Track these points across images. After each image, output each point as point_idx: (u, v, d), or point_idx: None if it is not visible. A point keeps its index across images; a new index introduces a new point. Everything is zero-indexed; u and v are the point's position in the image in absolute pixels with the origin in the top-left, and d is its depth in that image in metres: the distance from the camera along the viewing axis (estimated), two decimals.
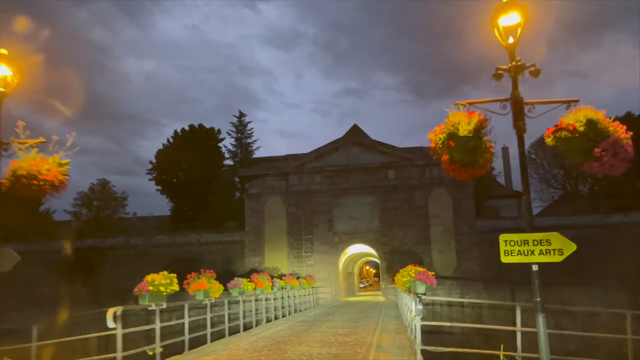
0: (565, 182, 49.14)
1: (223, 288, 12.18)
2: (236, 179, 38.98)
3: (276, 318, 18.92)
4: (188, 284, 11.65)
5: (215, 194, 37.68)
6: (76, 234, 37.45)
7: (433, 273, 11.47)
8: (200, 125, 43.51)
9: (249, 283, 14.65)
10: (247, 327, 15.17)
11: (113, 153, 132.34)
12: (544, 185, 50.11)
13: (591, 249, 31.42)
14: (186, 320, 10.42)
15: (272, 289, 18.62)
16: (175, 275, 9.34)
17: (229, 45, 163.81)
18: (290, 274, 27.39)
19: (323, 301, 30.93)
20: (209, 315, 11.67)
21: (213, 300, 11.90)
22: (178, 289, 9.45)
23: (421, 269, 11.48)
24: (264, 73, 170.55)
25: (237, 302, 14.82)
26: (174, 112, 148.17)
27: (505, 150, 53.70)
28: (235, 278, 14.54)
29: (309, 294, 26.80)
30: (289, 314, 20.85)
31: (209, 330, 11.65)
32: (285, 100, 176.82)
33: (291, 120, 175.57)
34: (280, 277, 22.52)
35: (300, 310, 23.37)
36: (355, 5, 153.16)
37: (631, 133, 6.16)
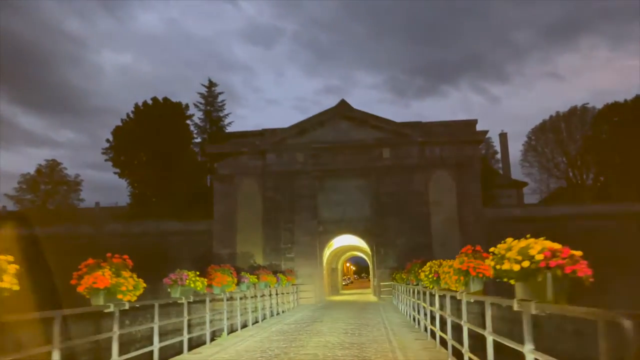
0: (568, 171, 45.19)
1: (144, 285, 7.19)
2: (203, 158, 33.74)
3: (244, 326, 13.97)
4: (79, 277, 6.66)
5: (180, 176, 32.42)
6: (16, 221, 31.77)
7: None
8: (166, 99, 38.02)
9: (198, 278, 9.69)
10: (195, 343, 10.19)
11: (88, 147, 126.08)
12: (545, 174, 46.15)
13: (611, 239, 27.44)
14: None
15: (237, 286, 13.68)
16: None
17: (207, 40, 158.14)
18: (265, 266, 22.43)
19: (305, 301, 26.07)
20: (115, 333, 6.63)
21: (126, 306, 6.91)
22: None
23: (474, 260, 6.81)
24: (243, 69, 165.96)
25: (182, 305, 9.83)
26: None
27: (503, 136, 49.63)
28: (178, 271, 9.56)
29: (288, 293, 21.87)
30: (263, 319, 15.92)
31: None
32: (265, 97, 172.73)
33: (271, 117, 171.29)
34: (253, 271, 17.55)
35: (277, 314, 18.44)
36: (336, 4, 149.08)
37: None
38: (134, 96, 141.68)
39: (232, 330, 13.09)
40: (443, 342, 8.66)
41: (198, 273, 9.83)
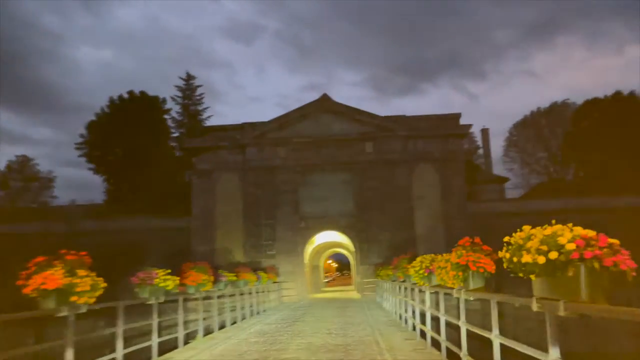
0: (549, 166, 45.29)
1: (103, 285, 6.37)
2: (181, 152, 32.67)
3: (222, 327, 13.19)
4: (27, 277, 5.84)
5: (158, 172, 31.31)
6: None
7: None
8: (142, 93, 36.80)
9: (169, 277, 8.89)
10: (167, 347, 9.40)
11: (66, 145, 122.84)
12: (526, 169, 46.19)
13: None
14: None
15: (215, 284, 12.88)
16: None
17: (188, 36, 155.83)
18: (244, 264, 21.63)
19: (287, 299, 25.36)
20: (70, 339, 5.82)
21: (82, 309, 6.10)
22: None
23: (474, 253, 6.21)
24: (224, 66, 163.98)
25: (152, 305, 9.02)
26: None
27: (485, 131, 49.47)
28: (146, 269, 8.74)
29: (270, 291, 21.12)
30: (243, 319, 15.15)
31: None
32: (247, 94, 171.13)
33: (253, 114, 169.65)
34: (232, 269, 16.76)
35: (258, 313, 17.69)
36: (319, 1, 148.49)
37: None
38: (114, 93, 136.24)
39: (208, 331, 12.32)
40: (435, 343, 8.04)
41: (169, 271, 9.01)
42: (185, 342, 10.23)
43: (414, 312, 10.51)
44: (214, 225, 27.69)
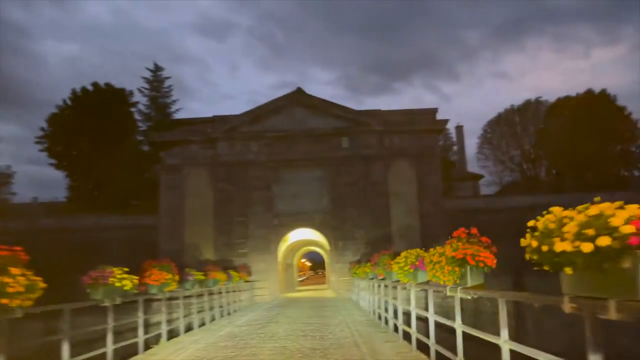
0: (522, 164, 45.57)
1: (42, 286, 5.43)
2: (148, 147, 31.32)
3: (189, 330, 12.28)
4: None
5: (124, 167, 29.92)
6: None
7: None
8: (108, 85, 35.21)
9: (126, 276, 7.95)
10: (126, 354, 8.46)
11: (31, 141, 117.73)
12: (500, 167, 46.36)
13: None
14: None
15: (181, 284, 11.95)
16: None
17: (158, 31, 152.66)
18: (214, 262, 20.64)
19: (260, 299, 24.48)
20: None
21: (16, 314, 5.17)
22: None
23: (474, 246, 5.58)
24: (196, 62, 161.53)
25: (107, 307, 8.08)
26: None
27: (459, 129, 49.60)
28: (101, 267, 7.79)
29: (241, 290, 20.20)
30: (212, 321, 14.24)
31: None
32: (219, 91, 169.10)
33: (226, 111, 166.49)
34: (201, 268, 15.81)
35: (229, 314, 16.79)
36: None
37: None
38: (80, 87, 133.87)
39: (174, 335, 11.39)
40: (422, 346, 7.35)
41: (127, 269, 8.07)
42: (147, 347, 9.31)
43: (395, 312, 9.84)
44: (182, 223, 26.55)
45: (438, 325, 6.60)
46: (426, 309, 6.83)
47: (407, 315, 9.14)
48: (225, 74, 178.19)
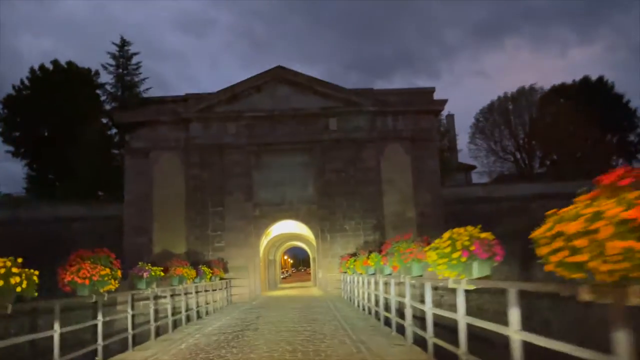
0: (516, 154, 43.49)
1: None
2: (115, 130, 28.11)
3: (141, 342, 9.48)
4: None
5: (88, 153, 26.72)
6: None
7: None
8: (70, 64, 31.90)
9: (17, 272, 5.12)
10: None
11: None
12: (493, 157, 44.19)
13: None
14: None
15: (136, 283, 9.15)
16: None
17: (136, 26, 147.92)
18: (179, 255, 17.76)
19: (238, 298, 21.69)
20: None
21: None
22: None
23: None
24: (175, 57, 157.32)
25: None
26: None
27: (450, 118, 47.24)
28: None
29: (215, 289, 17.37)
30: (174, 329, 11.42)
31: None
32: (200, 87, 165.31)
33: None
34: (163, 263, 12.95)
35: (200, 317, 13.98)
36: None
37: None
38: None
39: (119, 350, 8.57)
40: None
41: (17, 260, 5.26)
42: None
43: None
44: (150, 214, 23.56)
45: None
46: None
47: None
48: (205, 70, 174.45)
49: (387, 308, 9.81)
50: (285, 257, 71.85)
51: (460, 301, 5.13)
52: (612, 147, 40.82)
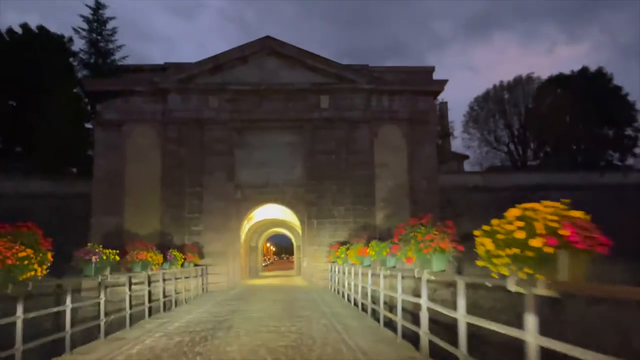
0: (510, 145, 42.09)
1: None
2: (86, 101, 25.81)
3: (87, 341, 7.65)
4: None
5: (53, 124, 24.50)
6: None
7: None
8: (41, 29, 29.39)
9: None
10: None
11: None
12: (486, 147, 42.73)
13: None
14: None
15: (84, 269, 7.25)
16: None
17: (122, 6, 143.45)
18: (145, 237, 15.84)
19: (215, 287, 19.90)
20: None
21: None
22: None
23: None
24: (163, 40, 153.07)
25: None
26: None
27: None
28: None
29: (188, 277, 15.51)
30: (132, 326, 9.57)
31: None
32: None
33: None
34: (124, 246, 11.05)
35: (168, 309, 12.14)
36: None
37: None
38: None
39: (54, 354, 6.72)
40: None
41: None
42: None
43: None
44: (122, 192, 21.52)
45: None
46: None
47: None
48: (192, 53, 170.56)
49: (390, 308, 8.09)
50: (268, 245, 70.14)
51: (460, 298, 4.66)
52: (609, 140, 39.70)
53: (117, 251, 8.68)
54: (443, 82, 23.19)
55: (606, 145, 39.50)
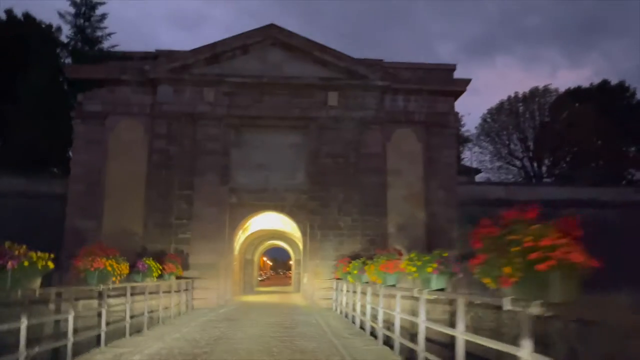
0: (524, 159, 39.72)
1: None
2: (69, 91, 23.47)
3: None
4: None
5: (30, 116, 22.13)
6: None
7: None
8: (27, 17, 27.21)
9: None
10: None
11: None
12: (499, 161, 40.33)
13: (616, 235, 21.41)
14: None
15: None
16: None
17: (130, 22, 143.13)
18: (102, 241, 13.29)
19: (202, 303, 17.35)
20: None
21: None
22: None
23: None
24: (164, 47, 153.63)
25: None
26: None
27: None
28: None
29: (167, 292, 12.95)
30: (79, 354, 7.02)
31: None
32: None
33: None
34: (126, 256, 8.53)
35: (130, 335, 9.52)
36: None
37: None
38: None
39: None
40: None
41: None
42: None
43: None
44: (102, 193, 19.06)
45: None
46: None
47: None
48: None
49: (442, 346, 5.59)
50: (265, 259, 67.42)
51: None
52: (629, 157, 37.42)
53: (51, 255, 6.20)
54: (465, 82, 20.90)
55: (627, 163, 37.19)
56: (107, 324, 8.26)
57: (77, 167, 19.18)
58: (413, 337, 7.79)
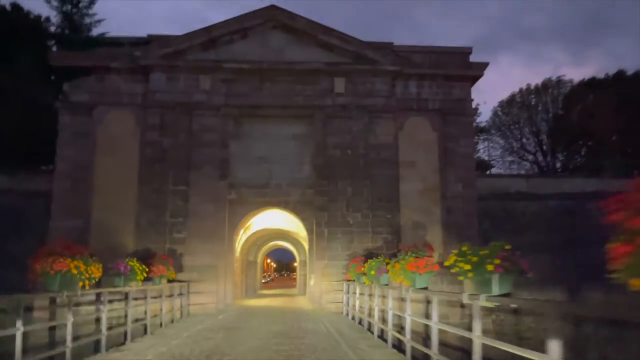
0: (537, 154, 38.05)
1: None
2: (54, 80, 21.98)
3: None
4: None
5: (21, 110, 20.68)
6: None
7: None
8: (16, 7, 25.75)
9: None
10: None
11: None
12: (511, 156, 38.65)
13: None
14: None
15: None
16: None
17: (130, 22, 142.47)
18: (79, 242, 11.73)
19: (199, 309, 15.79)
20: None
21: None
22: None
23: None
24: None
25: None
26: None
27: None
28: None
29: (158, 297, 11.38)
30: None
31: None
32: None
33: None
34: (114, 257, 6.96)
35: (106, 350, 7.94)
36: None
37: None
38: None
39: None
40: None
41: None
42: None
43: None
44: (90, 189, 17.52)
45: None
46: None
47: None
48: None
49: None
50: (268, 261, 65.87)
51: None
52: None
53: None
54: (483, 65, 19.30)
55: None
56: (75, 338, 6.70)
57: (63, 162, 17.64)
58: (445, 348, 6.29)
